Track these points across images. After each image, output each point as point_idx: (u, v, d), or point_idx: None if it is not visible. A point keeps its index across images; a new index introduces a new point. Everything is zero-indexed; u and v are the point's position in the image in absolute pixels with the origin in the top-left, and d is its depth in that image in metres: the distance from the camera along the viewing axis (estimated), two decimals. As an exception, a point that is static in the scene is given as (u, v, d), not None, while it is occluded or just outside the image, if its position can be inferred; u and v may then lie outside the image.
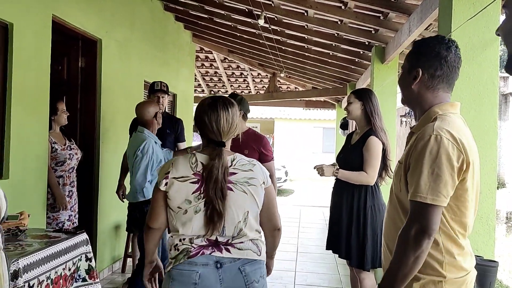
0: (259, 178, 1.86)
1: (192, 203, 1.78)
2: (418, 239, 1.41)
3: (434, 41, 1.60)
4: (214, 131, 1.84)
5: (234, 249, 1.81)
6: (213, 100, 1.89)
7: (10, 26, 3.07)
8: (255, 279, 1.82)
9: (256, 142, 3.34)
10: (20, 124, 3.18)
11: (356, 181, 2.97)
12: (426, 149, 1.44)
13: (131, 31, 5.00)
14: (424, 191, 1.42)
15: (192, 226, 1.78)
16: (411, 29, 3.62)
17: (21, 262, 2.17)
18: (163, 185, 1.80)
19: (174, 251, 1.81)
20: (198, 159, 1.83)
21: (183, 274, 1.76)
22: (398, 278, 1.44)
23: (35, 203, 3.35)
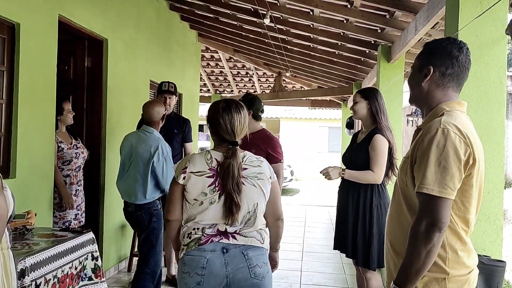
0: (267, 173, 2.07)
1: (207, 195, 1.97)
2: (428, 233, 1.42)
3: (447, 41, 1.63)
4: (229, 131, 2.04)
5: (240, 237, 1.99)
6: (227, 104, 2.08)
7: (17, 26, 3.09)
8: (258, 263, 1.98)
9: (265, 143, 3.36)
10: (27, 124, 3.20)
11: (363, 180, 2.96)
12: (433, 142, 1.45)
13: (137, 31, 5.01)
14: (431, 183, 1.43)
15: (206, 216, 1.97)
16: (417, 28, 3.60)
17: (28, 261, 2.18)
18: (181, 179, 1.98)
19: (186, 239, 2.00)
20: (212, 155, 2.02)
21: (193, 260, 1.95)
22: (411, 273, 1.45)
23: (41, 202, 3.37)
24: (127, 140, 3.43)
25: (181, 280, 1.99)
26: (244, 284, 1.96)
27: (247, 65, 9.91)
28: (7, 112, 3.07)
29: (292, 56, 7.04)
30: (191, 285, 1.95)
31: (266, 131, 3.59)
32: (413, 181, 1.52)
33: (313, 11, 4.68)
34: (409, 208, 1.56)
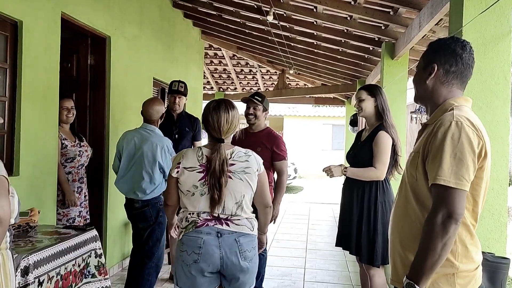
0: (254, 167, 2.27)
1: (198, 188, 2.21)
2: (445, 224, 1.41)
3: (450, 40, 1.65)
4: (216, 129, 2.25)
5: (232, 224, 2.23)
6: (217, 103, 2.29)
7: (20, 23, 3.09)
8: (248, 249, 2.24)
9: (270, 141, 3.53)
10: (30, 121, 3.20)
11: (366, 177, 2.95)
12: (448, 134, 1.46)
13: (140, 28, 5.01)
14: (447, 174, 1.43)
15: (199, 205, 2.22)
16: (421, 24, 3.58)
17: (31, 258, 2.19)
18: (175, 172, 2.23)
19: (185, 222, 2.24)
20: (203, 152, 2.25)
21: (191, 240, 2.19)
22: (427, 267, 1.43)
23: (45, 200, 3.38)
24: (128, 138, 3.40)
25: (178, 258, 2.23)
26: (236, 267, 2.20)
27: (250, 62, 9.89)
28: (10, 109, 3.08)
29: (296, 54, 7.02)
30: (188, 262, 2.18)
31: (271, 129, 3.69)
32: (425, 175, 1.53)
33: (317, 8, 4.66)
34: (418, 203, 1.56)
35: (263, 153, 3.48)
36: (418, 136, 1.70)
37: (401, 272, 1.59)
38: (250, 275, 2.29)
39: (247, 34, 6.78)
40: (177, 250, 2.25)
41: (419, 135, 1.70)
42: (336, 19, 4.79)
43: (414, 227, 1.56)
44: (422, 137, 1.61)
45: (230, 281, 2.26)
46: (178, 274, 2.25)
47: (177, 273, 2.26)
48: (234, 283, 2.25)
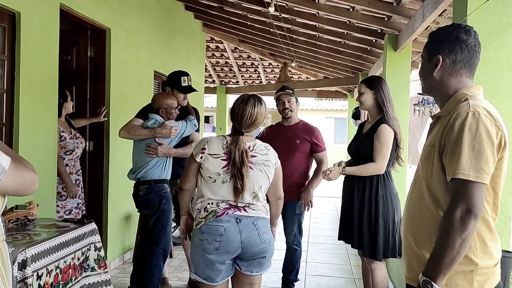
0: (272, 160, 2.39)
1: (221, 175, 2.28)
2: (464, 220, 1.36)
3: (451, 27, 1.58)
4: (238, 121, 2.34)
5: (249, 210, 2.32)
6: (247, 97, 2.36)
7: (18, 14, 3.06)
8: (265, 231, 2.34)
9: (309, 133, 3.60)
10: (28, 114, 3.17)
11: (366, 173, 2.92)
12: (465, 125, 1.40)
13: (140, 20, 4.96)
14: (466, 168, 1.38)
15: (219, 193, 2.30)
16: (425, 15, 3.52)
17: (29, 251, 2.17)
18: (199, 158, 2.30)
19: (203, 212, 2.31)
20: (228, 141, 2.33)
21: (212, 228, 2.26)
22: (444, 263, 1.39)
23: (44, 193, 3.36)
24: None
25: (198, 246, 2.27)
26: (255, 248, 2.29)
27: (252, 55, 9.84)
28: (8, 102, 3.05)
29: (298, 46, 6.96)
30: (209, 250, 2.24)
31: (306, 122, 3.74)
32: (442, 170, 1.47)
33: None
34: (434, 199, 1.51)
35: (303, 145, 3.55)
36: (430, 128, 1.64)
37: (416, 269, 1.55)
38: (268, 257, 2.37)
39: (249, 27, 6.73)
40: (195, 239, 2.31)
41: (431, 128, 1.64)
42: (339, 10, 4.73)
43: (429, 224, 1.51)
44: (437, 130, 1.54)
45: (249, 263, 2.33)
46: (196, 263, 2.31)
47: (194, 262, 2.32)
48: (253, 265, 2.34)
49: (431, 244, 1.46)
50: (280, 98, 3.61)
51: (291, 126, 3.65)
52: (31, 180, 1.66)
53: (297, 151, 3.57)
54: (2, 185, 1.54)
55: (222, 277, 2.32)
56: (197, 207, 2.35)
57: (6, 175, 1.55)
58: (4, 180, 1.55)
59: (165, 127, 3.27)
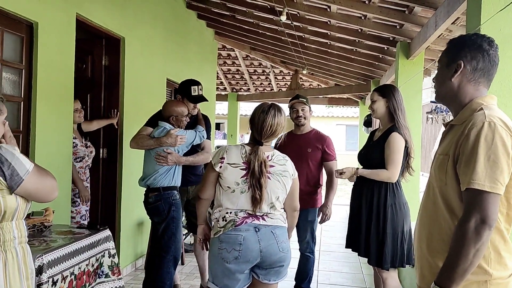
0: (290, 171, 2.39)
1: (239, 185, 2.28)
2: (478, 230, 1.36)
3: (476, 36, 1.58)
4: (258, 131, 2.34)
5: (268, 218, 2.33)
6: (267, 108, 2.36)
7: (35, 24, 3.12)
8: (283, 239, 2.35)
9: (320, 141, 3.62)
10: (45, 122, 3.23)
11: (377, 178, 2.90)
12: (481, 135, 1.40)
13: (154, 29, 5.03)
14: (481, 178, 1.37)
15: (238, 203, 2.30)
16: (437, 23, 3.52)
17: (46, 258, 2.20)
18: (218, 167, 2.30)
19: (222, 222, 2.31)
20: (247, 151, 2.33)
21: (231, 237, 2.26)
22: (457, 273, 1.38)
23: (59, 199, 3.38)
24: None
25: (216, 255, 2.28)
26: (274, 257, 2.30)
27: (263, 63, 9.88)
28: (25, 109, 3.11)
29: (309, 54, 6.98)
30: (228, 259, 2.25)
31: (318, 130, 3.77)
32: (456, 179, 1.47)
33: (330, 8, 4.63)
34: (448, 207, 1.51)
35: (314, 154, 3.57)
36: (443, 136, 1.63)
37: (429, 278, 1.54)
38: (286, 266, 2.39)
39: (260, 35, 6.77)
40: (213, 248, 2.32)
41: (443, 136, 1.63)
42: (350, 18, 4.75)
43: (443, 232, 1.51)
44: (451, 139, 1.53)
45: (267, 271, 2.34)
46: (214, 272, 2.31)
47: (212, 271, 2.33)
48: (270, 273, 2.35)
49: (444, 253, 1.46)
50: (294, 106, 3.64)
51: (304, 135, 3.67)
52: (52, 186, 1.78)
53: (309, 159, 3.59)
54: (25, 185, 1.67)
55: (240, 286, 2.32)
56: (215, 216, 2.35)
57: (29, 176, 1.68)
58: (27, 180, 1.67)
59: (171, 136, 3.29)
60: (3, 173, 1.63)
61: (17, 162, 1.67)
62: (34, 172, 1.71)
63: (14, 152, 1.69)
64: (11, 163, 1.65)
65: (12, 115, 3.03)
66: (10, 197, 1.68)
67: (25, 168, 1.68)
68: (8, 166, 1.64)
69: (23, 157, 1.72)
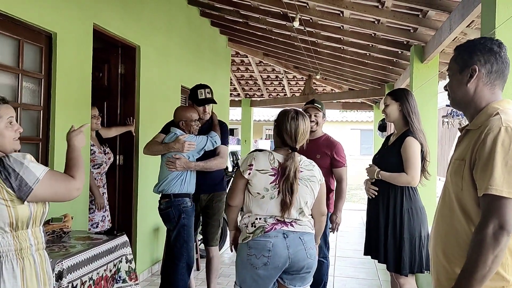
0: (317, 176, 2.43)
1: (269, 191, 2.31)
2: (497, 236, 1.35)
3: (484, 39, 1.58)
4: (292, 138, 2.36)
5: (296, 225, 2.35)
6: (295, 113, 2.40)
7: (54, 35, 3.20)
8: (311, 246, 2.38)
9: (329, 147, 3.57)
10: (64, 129, 3.27)
11: (398, 182, 2.87)
12: (498, 141, 1.39)
13: (169, 37, 5.09)
14: (499, 183, 1.37)
15: (267, 208, 2.32)
16: (452, 27, 3.50)
17: (65, 263, 2.24)
18: (247, 174, 2.33)
19: (251, 228, 2.33)
20: (275, 157, 2.37)
21: (259, 244, 2.29)
22: (476, 280, 1.37)
23: (78, 205, 3.46)
24: None
25: (245, 261, 2.31)
26: (302, 263, 2.32)
27: (277, 68, 9.90)
28: (44, 118, 3.18)
29: (322, 59, 6.98)
30: (257, 265, 2.27)
31: (329, 136, 3.73)
32: (473, 184, 1.46)
33: (343, 13, 4.63)
34: (465, 213, 1.50)
35: (323, 160, 3.51)
36: (459, 141, 1.63)
37: (445, 284, 1.53)
38: (312, 272, 2.42)
39: (273, 41, 6.80)
40: (242, 254, 2.34)
41: (459, 141, 1.62)
42: (363, 23, 4.74)
43: (460, 238, 1.50)
44: (467, 144, 1.53)
45: (293, 277, 2.37)
46: (243, 277, 2.35)
47: (240, 276, 2.36)
48: (296, 279, 2.38)
49: (461, 259, 1.45)
50: (308, 111, 3.63)
51: (314, 140, 3.64)
52: (67, 189, 1.80)
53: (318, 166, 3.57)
54: (36, 192, 1.69)
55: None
56: (244, 222, 2.38)
57: (40, 184, 1.70)
58: (38, 188, 1.69)
59: (178, 141, 3.31)
60: (11, 184, 1.64)
61: (26, 171, 1.67)
62: (46, 179, 1.72)
63: (23, 161, 1.68)
64: (19, 173, 1.65)
65: (31, 123, 3.11)
66: (21, 206, 1.68)
67: (34, 176, 1.68)
68: (16, 177, 1.64)
69: (34, 164, 1.72)
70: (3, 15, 2.77)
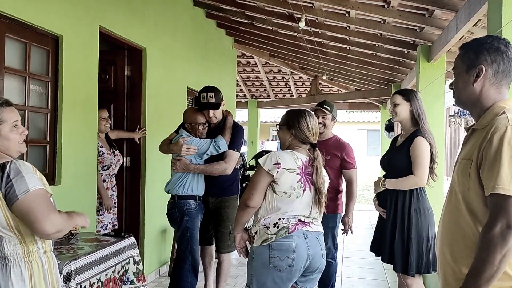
0: (327, 175, 2.48)
1: (295, 190, 2.29)
2: (504, 236, 1.34)
3: (491, 38, 1.56)
4: (314, 134, 2.41)
5: (313, 225, 2.36)
6: (305, 112, 2.45)
7: (60, 38, 3.22)
8: (324, 246, 2.42)
9: (339, 149, 3.57)
10: (70, 132, 3.31)
11: (406, 185, 2.87)
12: (504, 140, 1.39)
13: (174, 39, 5.11)
14: (506, 183, 1.36)
15: (293, 208, 2.29)
16: (458, 26, 3.48)
17: (73, 265, 2.25)
18: (276, 172, 2.27)
19: (273, 228, 2.28)
20: (298, 156, 2.35)
21: (283, 245, 2.24)
22: (483, 280, 1.37)
23: (85, 207, 3.48)
24: None
25: (267, 264, 2.25)
26: (317, 264, 2.34)
27: (283, 69, 9.90)
28: (52, 121, 3.20)
29: (328, 59, 6.97)
30: (282, 267, 2.23)
31: (339, 138, 3.73)
32: (479, 184, 1.45)
33: (349, 13, 4.62)
34: (471, 213, 1.49)
35: (333, 161, 3.52)
36: (465, 141, 1.62)
37: (453, 285, 1.53)
38: (321, 273, 2.45)
39: (279, 42, 6.79)
40: (263, 257, 2.26)
41: (465, 140, 1.62)
42: (369, 23, 4.73)
43: (467, 238, 1.49)
44: (474, 143, 1.52)
45: (306, 279, 2.38)
46: (263, 281, 2.27)
47: (260, 280, 2.27)
48: (308, 280, 2.39)
49: (468, 259, 1.44)
50: (316, 113, 3.63)
51: (323, 142, 3.64)
52: (48, 217, 1.66)
53: (327, 167, 3.56)
54: (18, 204, 1.63)
55: None
56: (263, 223, 2.31)
57: (26, 196, 1.63)
58: (23, 200, 1.62)
59: (177, 144, 3.36)
60: (0, 190, 1.64)
61: (19, 180, 1.64)
62: (36, 195, 1.65)
63: (21, 170, 1.66)
64: (11, 179, 1.63)
65: (39, 126, 3.13)
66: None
67: (25, 187, 1.64)
68: (7, 183, 1.63)
69: (32, 176, 1.68)
70: (10, 18, 2.79)
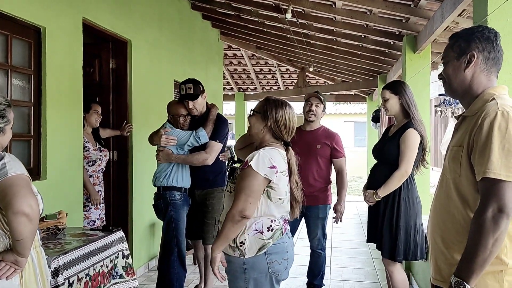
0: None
1: (286, 193, 2.09)
2: (496, 219, 1.36)
3: (481, 28, 1.60)
4: (289, 131, 2.12)
5: (287, 223, 2.17)
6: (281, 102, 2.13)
7: (43, 30, 3.15)
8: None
9: (329, 138, 3.63)
10: (55, 126, 3.26)
11: (396, 184, 2.90)
12: (494, 125, 1.41)
13: (160, 31, 5.05)
14: (497, 167, 1.38)
15: (282, 210, 2.09)
16: (443, 16, 3.50)
17: (61, 259, 2.23)
18: (274, 177, 1.98)
19: (268, 232, 2.03)
20: (283, 155, 2.10)
21: (278, 247, 2.05)
22: (477, 264, 1.38)
23: (72, 202, 3.44)
24: None
25: (266, 272, 2.03)
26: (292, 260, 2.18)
27: (269, 61, 9.88)
28: (36, 114, 3.14)
29: (315, 51, 6.97)
30: (280, 272, 2.06)
31: (327, 128, 3.77)
32: (471, 170, 1.47)
33: (335, 4, 4.62)
34: (462, 199, 1.51)
35: (323, 150, 3.59)
36: (456, 128, 1.64)
37: (445, 270, 1.55)
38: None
39: (266, 33, 6.77)
40: (261, 265, 2.02)
41: (456, 128, 1.64)
42: (356, 14, 4.73)
43: (458, 224, 1.51)
44: (465, 130, 1.54)
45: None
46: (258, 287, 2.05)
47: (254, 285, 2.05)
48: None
49: (459, 245, 1.46)
50: (309, 100, 3.65)
51: (312, 131, 3.67)
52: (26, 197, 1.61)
53: (318, 156, 3.59)
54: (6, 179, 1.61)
55: None
56: (255, 228, 2.01)
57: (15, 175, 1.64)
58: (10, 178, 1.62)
59: (157, 134, 3.44)
60: None
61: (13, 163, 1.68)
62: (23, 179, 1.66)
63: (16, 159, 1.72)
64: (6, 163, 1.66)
65: (22, 120, 3.07)
66: None
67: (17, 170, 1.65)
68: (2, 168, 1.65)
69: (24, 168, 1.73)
70: (-9, 10, 2.73)
